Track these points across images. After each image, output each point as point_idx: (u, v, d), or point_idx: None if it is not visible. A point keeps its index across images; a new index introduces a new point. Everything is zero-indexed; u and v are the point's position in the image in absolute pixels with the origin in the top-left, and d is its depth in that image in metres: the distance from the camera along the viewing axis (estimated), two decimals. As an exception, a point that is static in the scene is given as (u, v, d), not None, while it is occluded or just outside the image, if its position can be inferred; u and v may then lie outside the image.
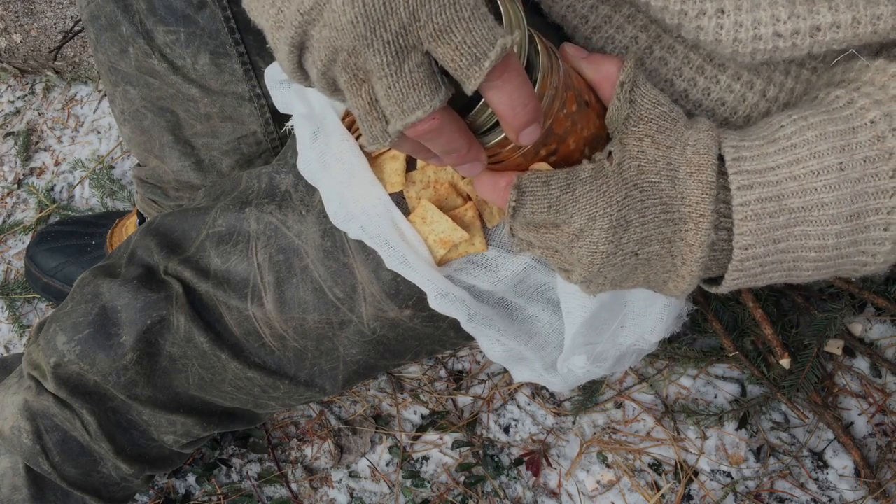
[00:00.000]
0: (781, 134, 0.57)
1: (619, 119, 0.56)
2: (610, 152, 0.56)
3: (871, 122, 0.56)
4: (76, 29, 1.40)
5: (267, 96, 0.87)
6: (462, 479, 1.17)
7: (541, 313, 0.74)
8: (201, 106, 0.88)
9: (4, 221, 1.40)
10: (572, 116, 0.55)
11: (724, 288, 0.59)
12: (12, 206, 1.42)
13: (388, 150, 0.71)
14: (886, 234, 0.56)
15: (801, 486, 1.14)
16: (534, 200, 0.55)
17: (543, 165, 0.56)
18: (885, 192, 0.55)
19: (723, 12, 0.61)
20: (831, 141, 0.55)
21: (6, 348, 1.30)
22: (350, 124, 0.71)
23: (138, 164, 1.07)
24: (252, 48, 0.87)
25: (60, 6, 1.39)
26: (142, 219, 1.17)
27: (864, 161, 0.55)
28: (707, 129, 0.56)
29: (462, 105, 0.52)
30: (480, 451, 1.18)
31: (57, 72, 1.51)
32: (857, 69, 0.62)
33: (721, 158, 0.57)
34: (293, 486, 1.17)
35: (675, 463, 1.16)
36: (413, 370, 1.24)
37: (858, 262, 0.58)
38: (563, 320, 0.72)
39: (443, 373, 1.24)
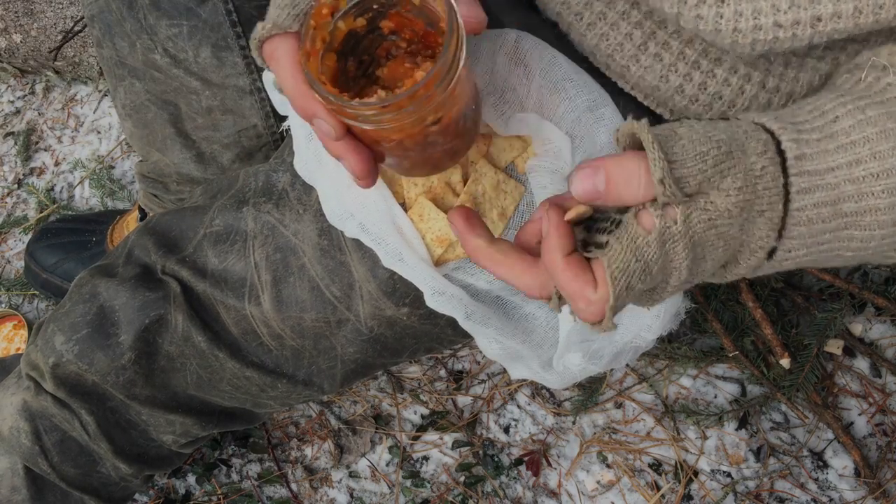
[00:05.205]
0: (839, 128, 0.52)
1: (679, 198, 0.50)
2: (665, 204, 0.50)
3: None
4: (76, 29, 1.41)
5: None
6: (462, 479, 1.17)
7: (537, 311, 0.73)
8: (203, 99, 0.89)
9: (4, 221, 1.40)
10: (462, 83, 0.54)
11: (752, 275, 0.56)
12: (12, 206, 1.42)
13: None
14: None
15: (801, 486, 1.14)
16: (621, 307, 0.51)
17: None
18: None
19: (722, 1, 0.60)
20: (892, 140, 0.52)
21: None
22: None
23: (141, 160, 1.08)
24: None
25: (60, 6, 1.39)
26: (143, 214, 1.17)
27: None
28: (769, 156, 0.50)
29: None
30: (480, 451, 1.18)
31: (57, 72, 1.51)
32: None
33: (779, 151, 0.52)
34: (293, 486, 1.17)
35: (675, 463, 1.16)
36: (413, 370, 1.24)
37: (890, 255, 0.55)
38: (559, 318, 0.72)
39: (443, 373, 1.24)
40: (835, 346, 1.19)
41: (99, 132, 1.48)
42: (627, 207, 0.49)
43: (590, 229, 0.52)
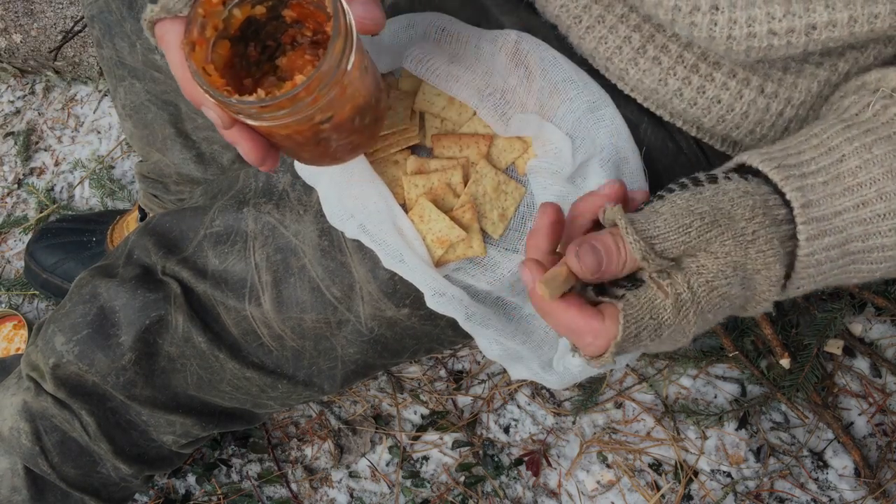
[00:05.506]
0: (845, 169, 0.54)
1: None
2: (668, 272, 0.52)
3: None
4: (76, 29, 1.41)
5: None
6: (462, 479, 1.17)
7: (538, 313, 0.74)
8: None
9: (4, 221, 1.40)
10: (355, 83, 0.53)
11: None
12: (12, 206, 1.42)
13: (389, 155, 0.71)
14: None
15: (801, 486, 1.14)
16: (623, 351, 0.53)
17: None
18: None
19: (717, 9, 0.60)
20: None
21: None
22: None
23: (141, 161, 1.07)
24: None
25: (60, 6, 1.39)
26: (143, 215, 1.17)
27: None
28: (758, 220, 0.52)
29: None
30: (480, 451, 1.18)
31: (57, 72, 1.51)
32: None
33: (779, 192, 0.53)
34: (293, 486, 1.17)
35: (675, 463, 1.16)
36: (413, 370, 1.24)
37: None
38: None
39: (443, 373, 1.24)
40: (835, 346, 1.19)
41: (99, 132, 1.48)
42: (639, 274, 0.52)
43: (603, 287, 0.54)
